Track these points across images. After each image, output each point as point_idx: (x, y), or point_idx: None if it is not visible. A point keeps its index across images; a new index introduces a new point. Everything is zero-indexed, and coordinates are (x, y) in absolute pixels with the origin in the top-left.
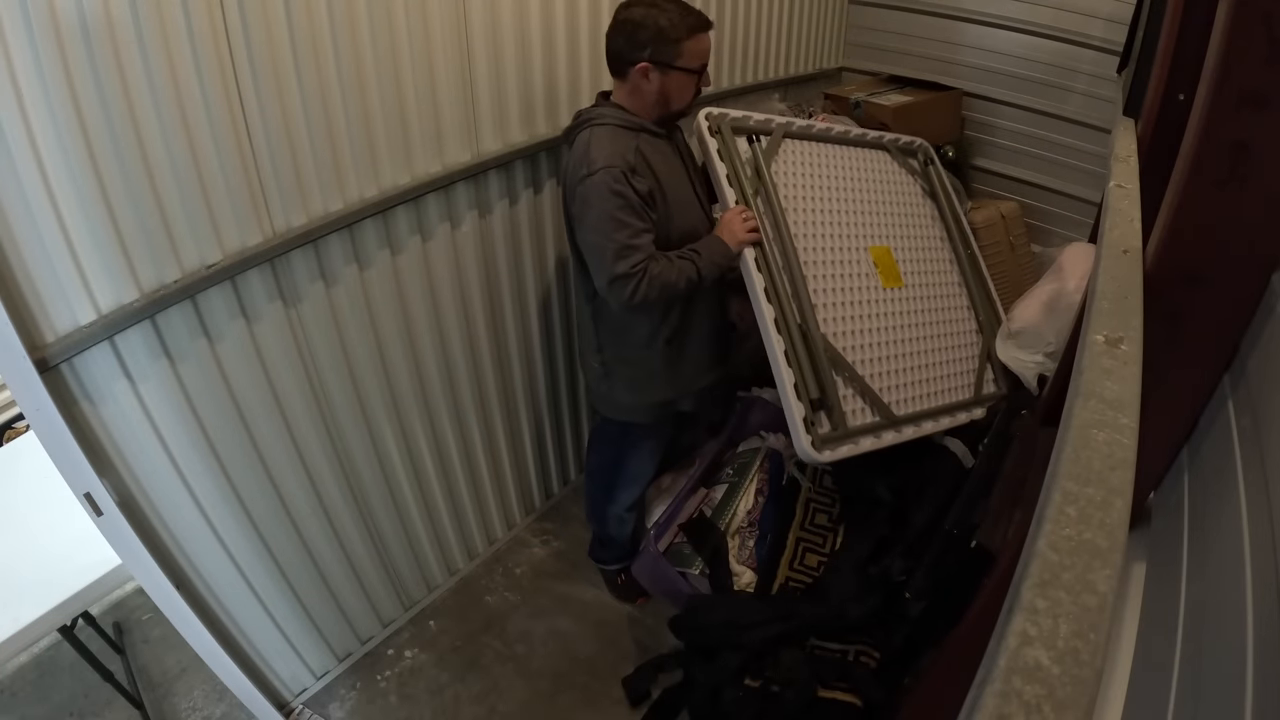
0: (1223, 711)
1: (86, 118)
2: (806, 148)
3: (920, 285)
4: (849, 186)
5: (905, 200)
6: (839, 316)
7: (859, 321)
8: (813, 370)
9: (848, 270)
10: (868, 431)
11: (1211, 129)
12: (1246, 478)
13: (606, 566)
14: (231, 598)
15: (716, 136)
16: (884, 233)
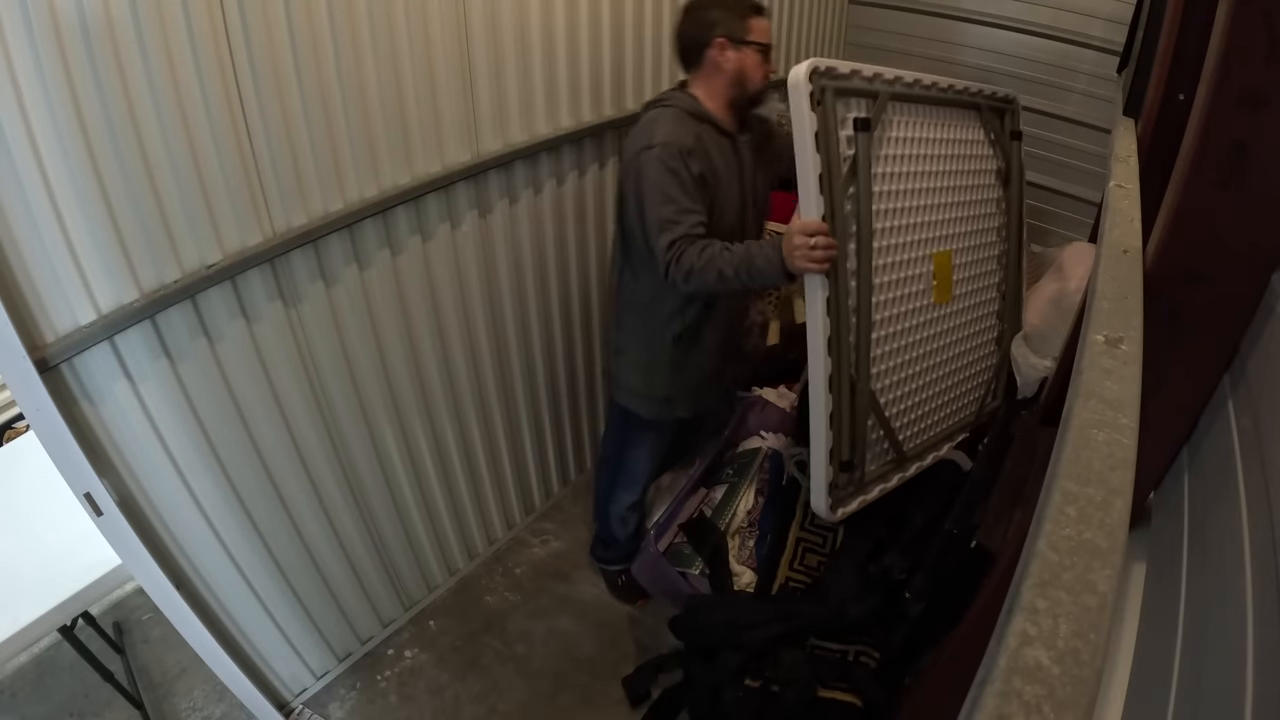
0: (1223, 711)
1: (86, 118)
2: (904, 119)
3: (965, 295)
4: (935, 173)
5: (979, 184)
6: (886, 352)
7: (901, 355)
8: (851, 431)
9: (908, 289)
10: (879, 478)
11: (1211, 129)
12: (1246, 478)
13: (608, 567)
14: (231, 598)
15: (818, 110)
16: (951, 232)
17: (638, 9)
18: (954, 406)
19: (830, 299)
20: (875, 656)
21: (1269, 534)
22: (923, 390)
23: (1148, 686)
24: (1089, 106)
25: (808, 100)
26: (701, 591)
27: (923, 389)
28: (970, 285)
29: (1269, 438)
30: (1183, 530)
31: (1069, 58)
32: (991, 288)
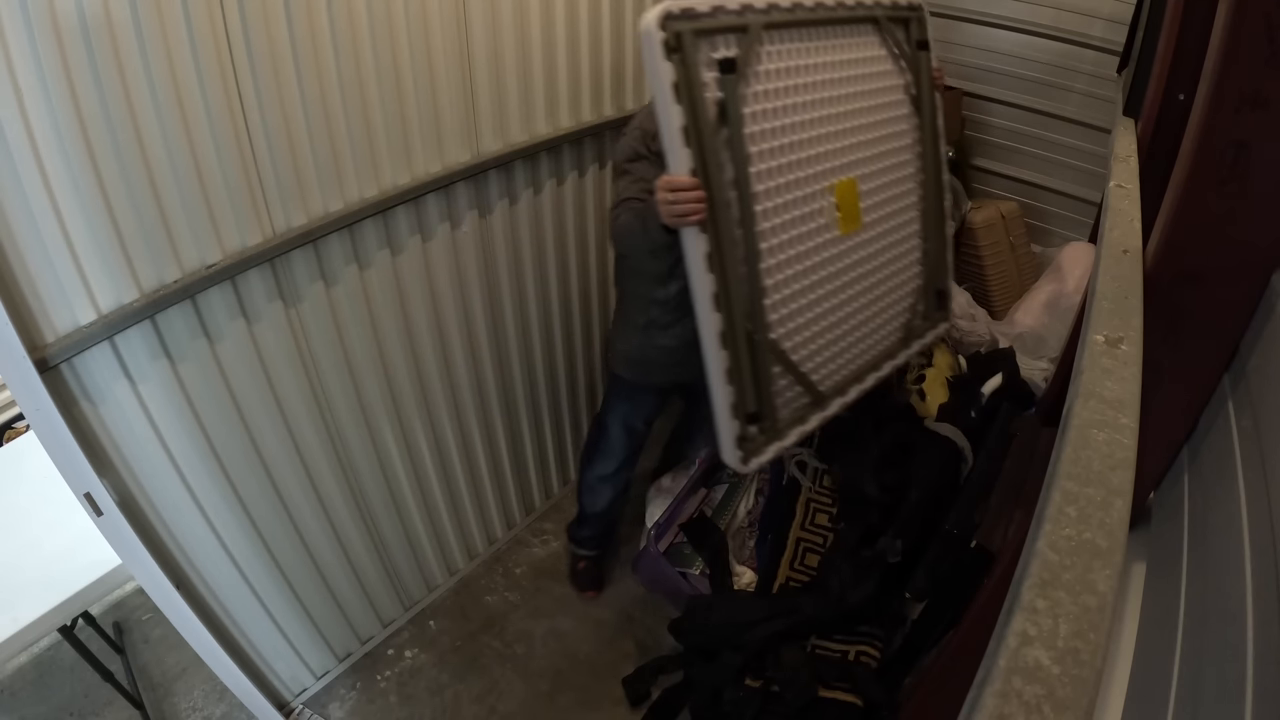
0: (1223, 711)
1: (86, 118)
2: (786, 46)
3: (877, 221)
4: (828, 99)
5: (884, 103)
6: (787, 295)
7: (805, 295)
8: (754, 383)
9: (807, 225)
10: (796, 422)
11: (1211, 129)
12: (1246, 478)
13: (576, 549)
14: (231, 598)
15: (675, 58)
16: (855, 158)
17: (638, 9)
18: (875, 337)
19: (711, 254)
20: (875, 656)
21: (1269, 534)
22: (835, 327)
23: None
24: (1089, 106)
25: (661, 49)
26: (702, 591)
27: (835, 325)
28: (884, 210)
29: (1269, 438)
30: (1183, 530)
31: (1069, 58)
32: (910, 208)
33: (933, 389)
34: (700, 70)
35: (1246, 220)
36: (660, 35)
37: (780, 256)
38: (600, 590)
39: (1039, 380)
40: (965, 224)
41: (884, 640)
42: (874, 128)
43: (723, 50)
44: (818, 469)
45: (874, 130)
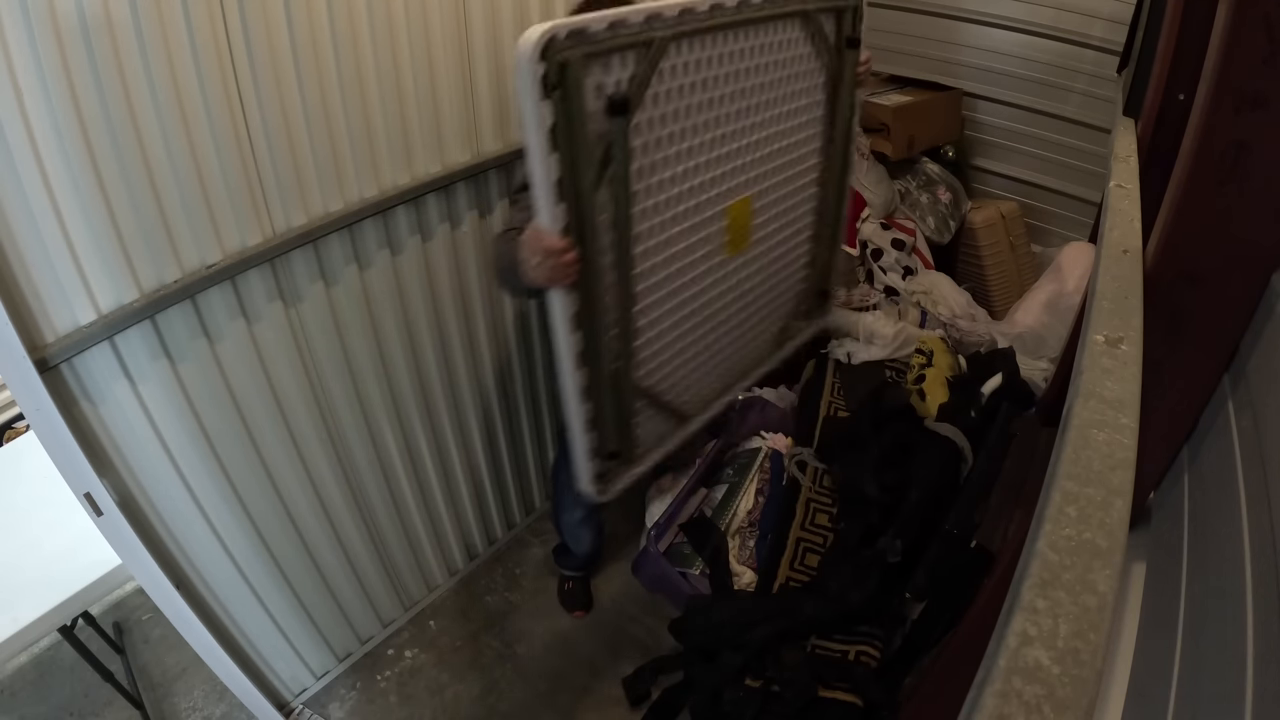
0: (1223, 711)
1: (86, 118)
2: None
3: (767, 236)
4: (730, 117)
5: (793, 108)
6: (661, 329)
7: (680, 325)
8: (615, 424)
9: (691, 255)
10: (656, 445)
11: (1211, 129)
12: (1246, 478)
13: (562, 570)
14: (231, 598)
15: (555, 95)
16: (753, 175)
17: None
18: (748, 349)
19: (579, 314)
20: (875, 656)
21: (1269, 534)
22: (708, 349)
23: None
24: (1089, 106)
25: (538, 87)
26: (702, 591)
27: (708, 348)
28: (776, 223)
29: (1269, 438)
30: (1183, 530)
31: (1069, 58)
32: (805, 214)
33: (933, 389)
34: (586, 103)
35: (1246, 220)
36: (540, 69)
37: (659, 293)
38: (589, 610)
39: (1039, 380)
40: (965, 224)
41: (884, 640)
42: (779, 137)
43: (617, 71)
44: (818, 469)
45: (778, 140)
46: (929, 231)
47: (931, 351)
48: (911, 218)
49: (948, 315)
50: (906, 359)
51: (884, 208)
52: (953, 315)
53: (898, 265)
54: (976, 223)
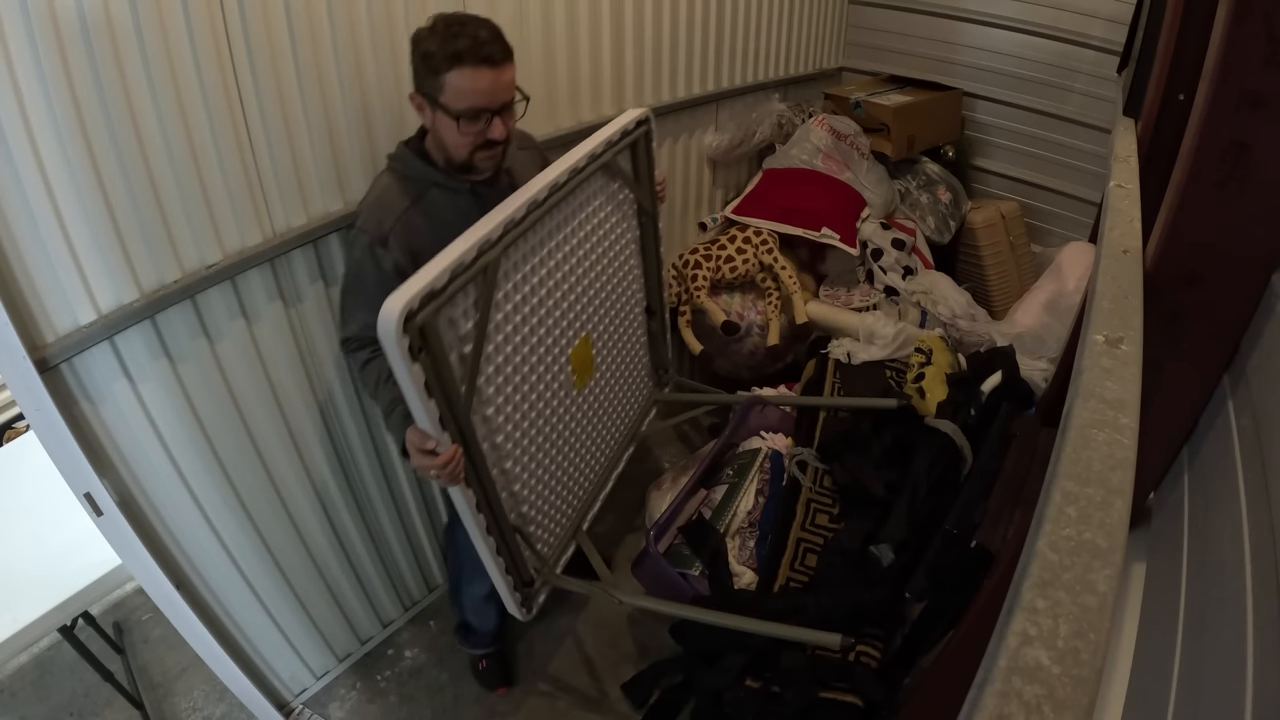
0: (1223, 711)
1: (86, 118)
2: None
3: (608, 356)
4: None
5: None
6: (536, 467)
7: (552, 456)
8: (522, 560)
9: (549, 406)
10: (560, 553)
11: (1211, 129)
12: (1246, 478)
13: (471, 650)
14: (231, 598)
15: (423, 356)
16: (585, 318)
17: (637, 9)
18: (613, 444)
19: (479, 499)
20: (875, 657)
21: (1269, 534)
22: (580, 462)
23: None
24: (1089, 106)
25: (406, 356)
26: (702, 592)
27: (580, 461)
28: (613, 340)
29: (1269, 438)
30: (1183, 530)
31: (1069, 58)
32: (634, 311)
33: (932, 387)
34: (447, 346)
35: (1246, 220)
36: (405, 341)
37: (524, 444)
38: (513, 685)
39: (1039, 380)
40: (965, 224)
41: (884, 640)
42: (603, 272)
43: (463, 303)
44: (818, 469)
45: (603, 275)
46: (929, 231)
47: (931, 350)
48: (911, 217)
49: (948, 315)
50: (906, 358)
51: (884, 208)
52: (953, 315)
53: (898, 265)
54: (976, 223)
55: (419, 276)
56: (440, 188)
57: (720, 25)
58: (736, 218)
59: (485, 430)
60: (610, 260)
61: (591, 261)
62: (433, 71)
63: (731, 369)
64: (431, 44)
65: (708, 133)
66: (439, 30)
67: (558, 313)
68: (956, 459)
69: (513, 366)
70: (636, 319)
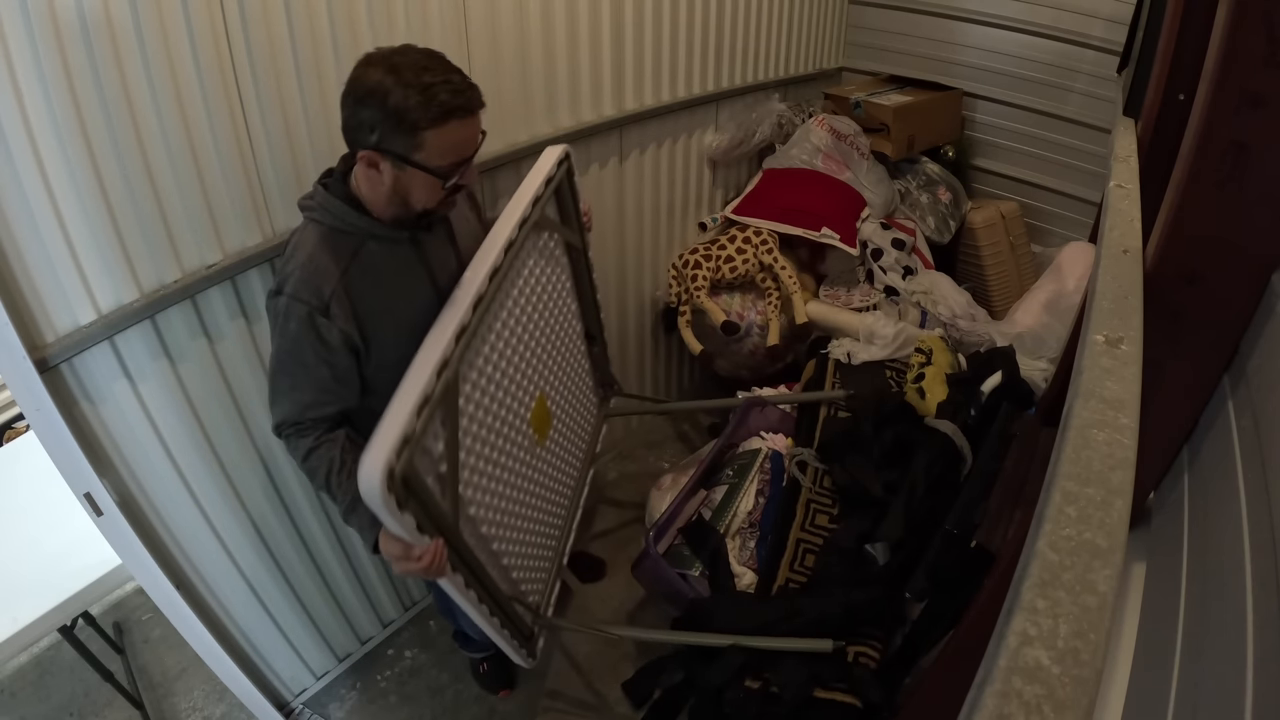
0: (1223, 711)
1: (86, 118)
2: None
3: (561, 401)
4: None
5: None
6: (514, 537)
7: (525, 513)
8: (518, 616)
9: (515, 470)
10: (549, 594)
11: (1211, 129)
12: (1246, 478)
13: (471, 654)
14: (231, 598)
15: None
16: (538, 378)
17: (637, 9)
18: (577, 475)
19: (466, 578)
20: (875, 657)
21: (1269, 534)
22: (549, 506)
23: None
24: (1089, 106)
25: (394, 509)
26: (702, 593)
27: (549, 506)
28: (564, 385)
29: (1269, 438)
30: (1183, 530)
31: (1069, 58)
32: (581, 358)
33: (932, 386)
34: (425, 474)
35: (1246, 220)
36: (391, 499)
37: (498, 507)
38: (514, 687)
39: (1039, 380)
40: (965, 224)
41: (884, 640)
42: (545, 325)
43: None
44: (818, 469)
45: (546, 329)
46: (929, 231)
47: (931, 350)
48: (911, 217)
49: (948, 315)
50: (906, 358)
51: (884, 207)
52: (953, 315)
53: (898, 265)
54: (976, 223)
55: (388, 427)
56: (378, 239)
57: (720, 25)
58: (736, 218)
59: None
60: (550, 311)
61: (534, 321)
62: (406, 129)
63: (731, 369)
64: (401, 99)
65: (708, 133)
66: (408, 81)
67: (513, 387)
68: (956, 459)
69: (478, 454)
70: (580, 351)
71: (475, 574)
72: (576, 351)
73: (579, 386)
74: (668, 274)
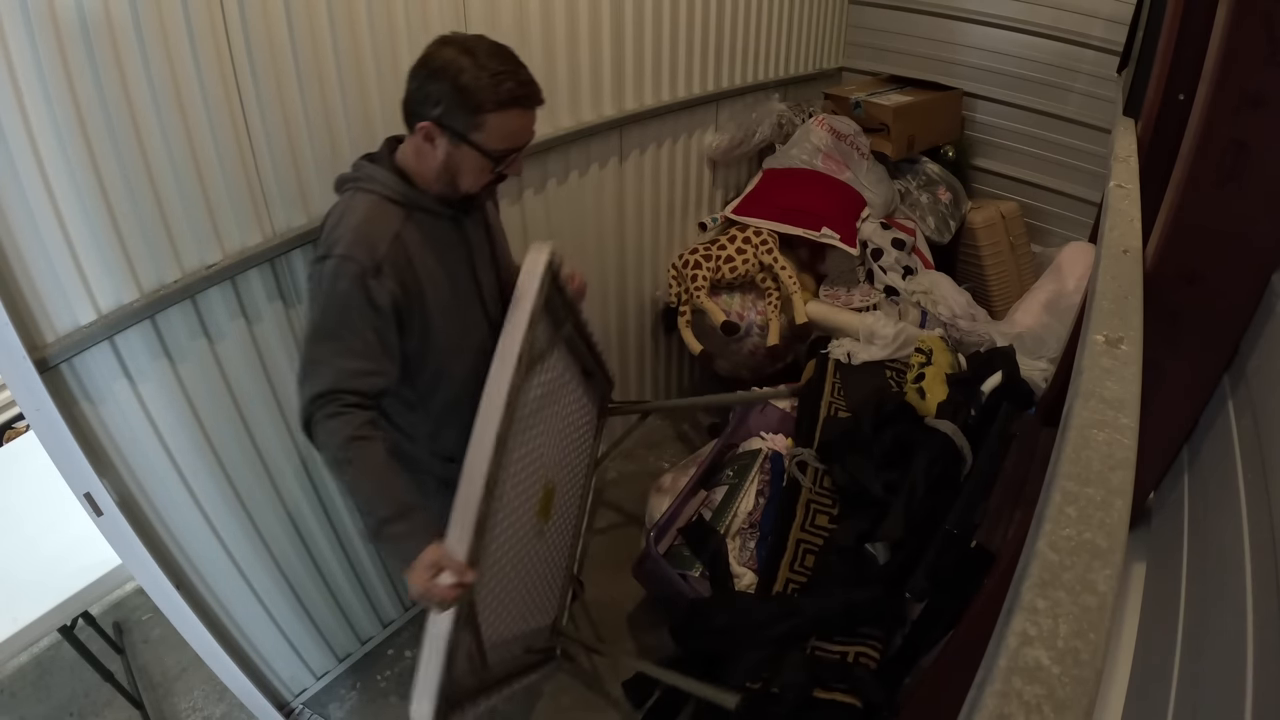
0: (1223, 711)
1: (86, 118)
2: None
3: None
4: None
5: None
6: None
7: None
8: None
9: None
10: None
11: (1211, 129)
12: (1246, 478)
13: None
14: (231, 598)
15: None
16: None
17: (637, 9)
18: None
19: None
20: (875, 658)
21: (1269, 534)
22: (548, 568)
23: (1148, 686)
24: (1089, 106)
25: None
26: (703, 594)
27: (548, 567)
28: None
29: (1269, 438)
30: (1183, 530)
31: (1069, 58)
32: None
33: (932, 386)
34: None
35: (1246, 220)
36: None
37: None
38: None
39: (1039, 380)
40: (965, 224)
41: (883, 641)
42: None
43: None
44: (818, 470)
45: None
46: (929, 231)
47: (931, 350)
48: (911, 217)
49: (948, 315)
50: (906, 359)
51: (884, 207)
52: (953, 315)
53: (898, 265)
54: (976, 223)
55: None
56: (425, 211)
57: (720, 25)
58: (736, 218)
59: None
60: (558, 392)
61: (544, 408)
62: (471, 109)
63: (731, 369)
64: (473, 79)
65: (708, 133)
66: (482, 64)
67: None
68: (956, 459)
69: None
70: (585, 407)
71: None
72: (585, 415)
73: (581, 446)
74: (668, 274)
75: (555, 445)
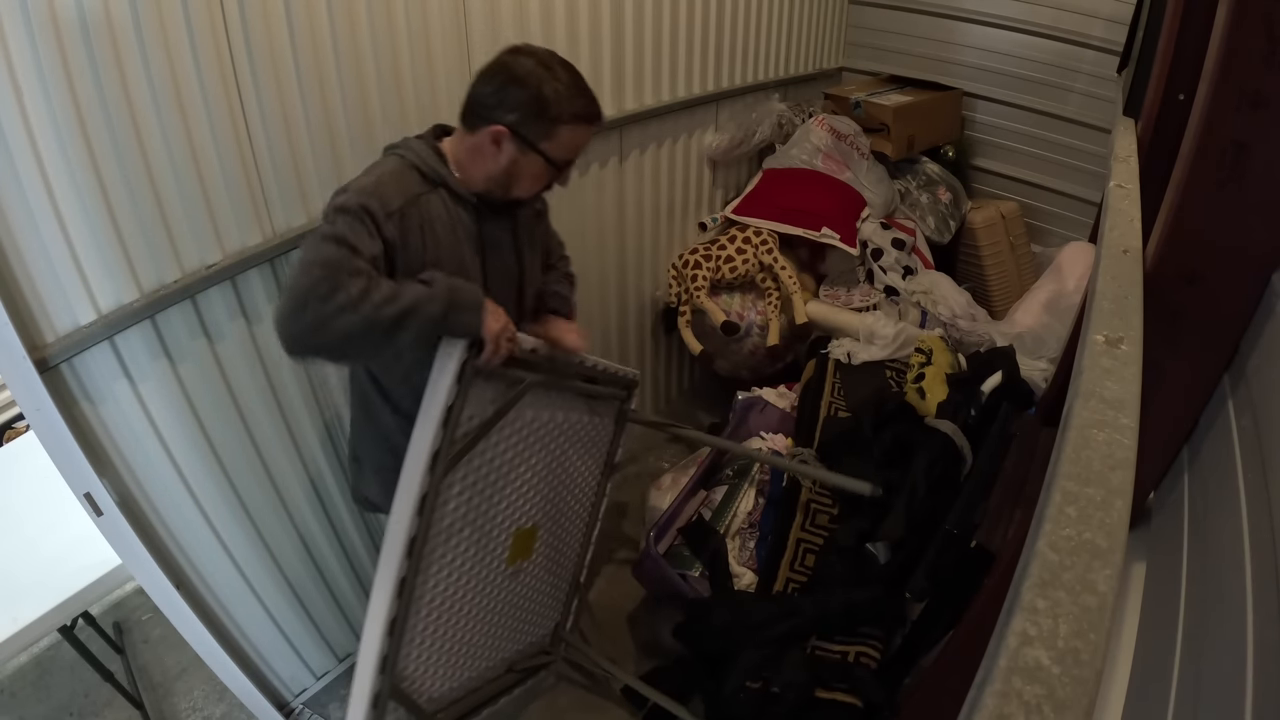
0: (1223, 711)
1: (86, 118)
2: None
3: (544, 543)
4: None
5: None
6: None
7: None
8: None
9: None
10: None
11: (1211, 129)
12: (1246, 478)
13: None
14: (231, 598)
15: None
16: (536, 511)
17: (638, 9)
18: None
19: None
20: (875, 657)
21: (1269, 534)
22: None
23: (1148, 686)
24: (1089, 106)
25: None
26: (703, 594)
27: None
28: (554, 532)
29: (1269, 438)
30: (1183, 530)
31: (1069, 58)
32: (592, 468)
33: (932, 386)
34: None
35: (1246, 220)
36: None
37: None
38: None
39: (1039, 380)
40: (965, 224)
41: (884, 641)
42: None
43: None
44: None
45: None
46: (929, 231)
47: (931, 350)
48: (911, 217)
49: (948, 315)
50: (906, 359)
51: (884, 207)
52: (953, 315)
53: (898, 265)
54: (976, 223)
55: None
56: (449, 191)
57: (720, 25)
58: (736, 218)
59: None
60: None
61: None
62: (548, 119)
63: (731, 369)
64: (554, 91)
65: (708, 133)
66: (558, 78)
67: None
68: (956, 459)
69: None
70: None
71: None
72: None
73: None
74: (668, 274)
75: (543, 482)
